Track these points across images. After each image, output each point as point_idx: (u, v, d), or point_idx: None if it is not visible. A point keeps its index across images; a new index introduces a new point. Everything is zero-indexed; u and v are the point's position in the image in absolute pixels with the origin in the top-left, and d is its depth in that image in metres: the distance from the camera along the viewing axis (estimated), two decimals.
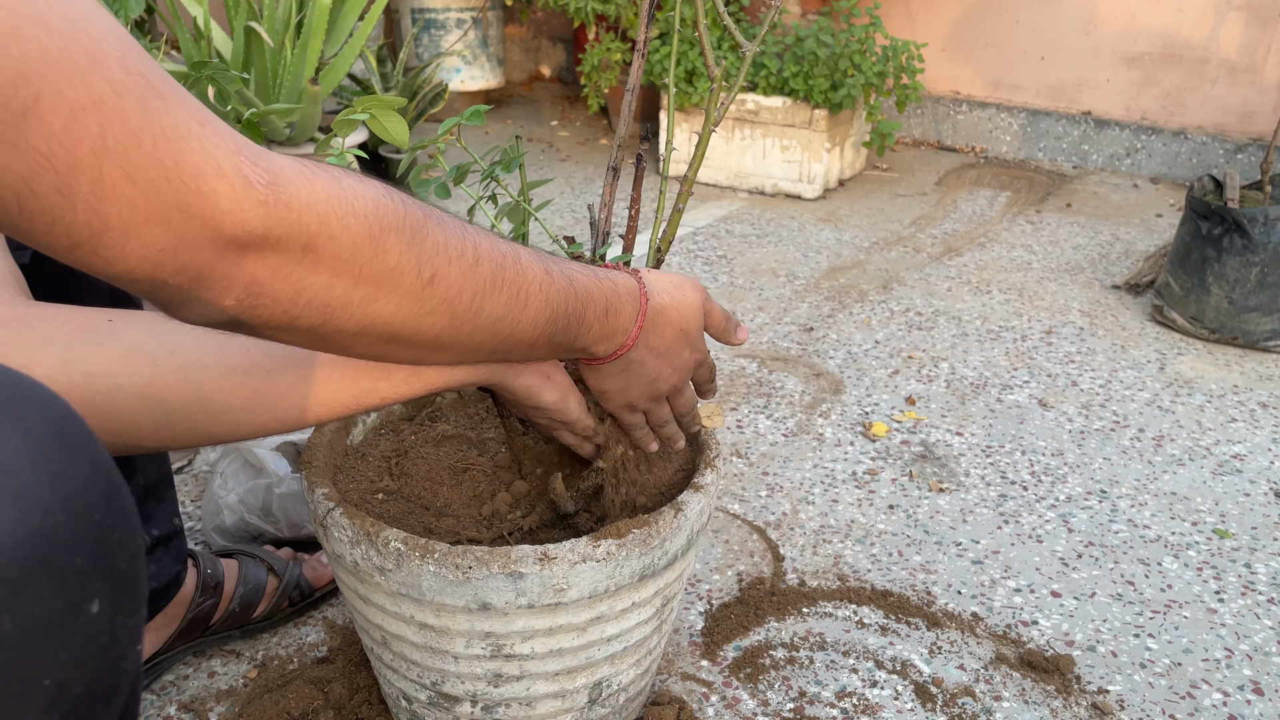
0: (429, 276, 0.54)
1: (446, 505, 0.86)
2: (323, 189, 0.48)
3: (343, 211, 0.49)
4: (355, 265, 0.50)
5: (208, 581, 1.01)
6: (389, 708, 0.95)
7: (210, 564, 1.02)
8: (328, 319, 0.51)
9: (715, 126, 0.81)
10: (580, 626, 0.78)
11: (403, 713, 0.90)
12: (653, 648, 0.88)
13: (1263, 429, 1.60)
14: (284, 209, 0.46)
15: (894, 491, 1.40)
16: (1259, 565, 1.27)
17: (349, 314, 0.52)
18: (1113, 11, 2.95)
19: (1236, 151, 2.86)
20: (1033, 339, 1.91)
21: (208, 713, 0.99)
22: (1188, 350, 1.88)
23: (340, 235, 0.49)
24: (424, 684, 0.83)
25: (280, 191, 0.46)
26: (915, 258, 2.31)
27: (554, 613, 0.76)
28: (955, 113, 3.25)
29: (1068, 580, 1.23)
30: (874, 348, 1.85)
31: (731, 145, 2.75)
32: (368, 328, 0.53)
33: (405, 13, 3.22)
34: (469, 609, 0.75)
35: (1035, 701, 1.04)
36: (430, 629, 0.78)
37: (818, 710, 1.01)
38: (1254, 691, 1.06)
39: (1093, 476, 1.46)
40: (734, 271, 2.18)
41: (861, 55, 2.53)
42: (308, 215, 0.47)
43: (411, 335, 0.56)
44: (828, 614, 1.15)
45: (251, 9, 2.00)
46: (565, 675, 0.81)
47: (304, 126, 2.18)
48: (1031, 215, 2.64)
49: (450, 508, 0.86)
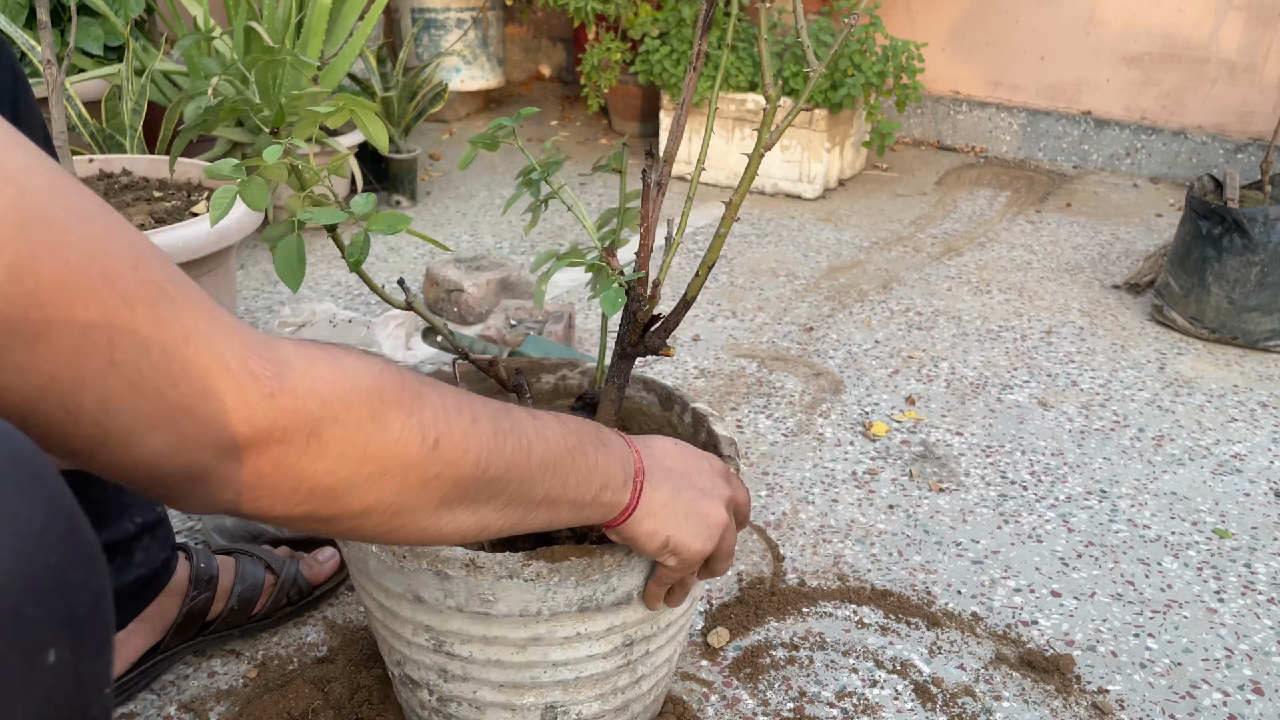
0: (433, 441, 0.53)
1: None
2: (326, 372, 0.48)
3: (346, 392, 0.49)
4: (360, 444, 0.50)
5: (200, 575, 1.01)
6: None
7: (203, 558, 1.02)
8: (332, 502, 0.51)
9: (765, 150, 0.77)
10: (518, 643, 0.77)
11: (395, 680, 0.92)
12: (621, 686, 0.84)
13: (1263, 429, 1.60)
14: (289, 398, 0.46)
15: (894, 491, 1.40)
16: (1259, 565, 1.27)
17: (355, 494, 0.51)
18: (1113, 11, 2.95)
19: (1236, 151, 2.86)
20: (1033, 339, 1.91)
21: (208, 712, 0.99)
22: (1188, 350, 1.88)
23: (344, 417, 0.49)
24: (393, 661, 0.86)
25: (285, 381, 0.46)
26: (915, 257, 2.31)
27: (485, 622, 0.76)
28: (955, 112, 3.25)
29: (1068, 580, 1.23)
30: (874, 347, 1.85)
31: (731, 145, 2.75)
32: (374, 506, 0.53)
33: (405, 12, 3.22)
34: (407, 597, 0.77)
35: (1035, 701, 1.04)
36: (386, 610, 0.81)
37: (818, 710, 1.01)
38: (1254, 691, 1.06)
39: (1093, 476, 1.46)
40: (734, 271, 2.18)
41: (861, 55, 2.53)
42: (312, 401, 0.47)
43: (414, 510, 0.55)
44: (828, 614, 1.15)
45: (251, 9, 2.00)
46: (511, 689, 0.81)
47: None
48: (1031, 215, 2.64)
49: None
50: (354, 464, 0.50)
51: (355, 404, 0.49)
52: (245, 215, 1.38)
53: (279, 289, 2.02)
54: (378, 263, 2.17)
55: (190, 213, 1.41)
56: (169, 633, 1.00)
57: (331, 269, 2.12)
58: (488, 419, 0.57)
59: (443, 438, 0.54)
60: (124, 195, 1.49)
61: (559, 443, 0.61)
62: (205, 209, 1.43)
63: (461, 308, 1.85)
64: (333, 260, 2.17)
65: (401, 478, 0.52)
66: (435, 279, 1.88)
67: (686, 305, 0.80)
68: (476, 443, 0.56)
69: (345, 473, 0.50)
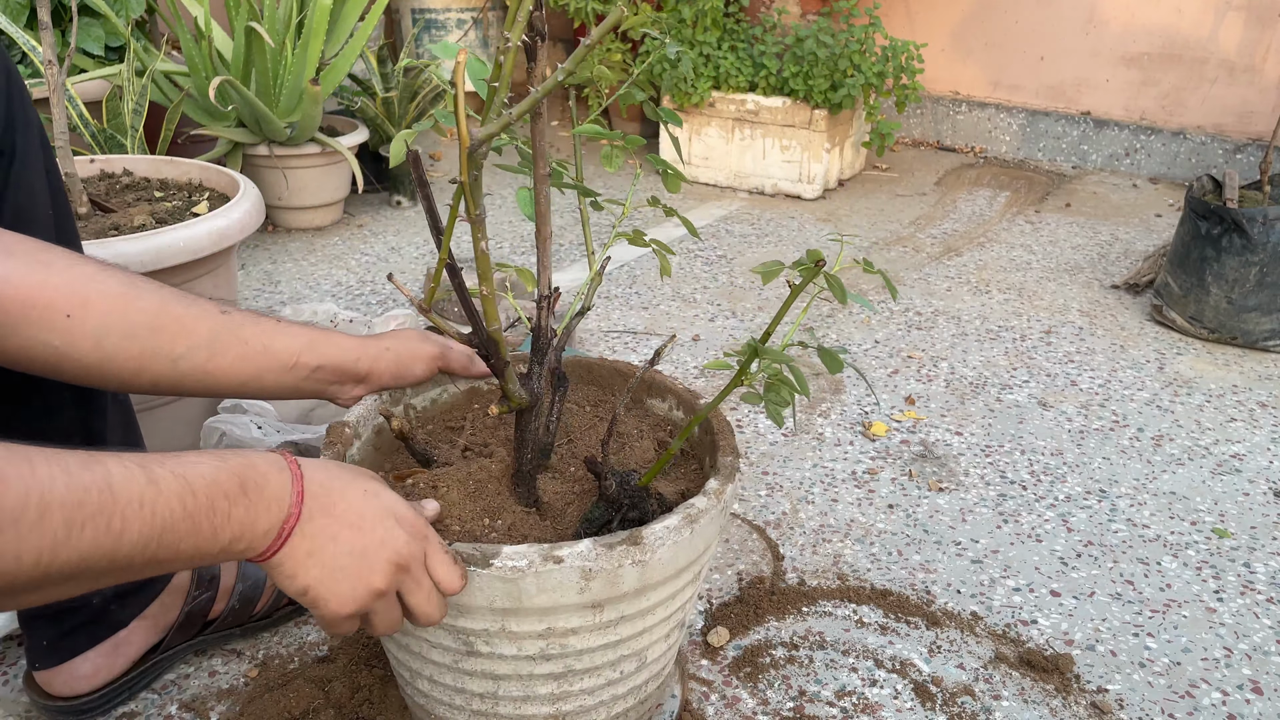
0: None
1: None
2: None
3: None
4: None
5: (203, 574, 1.01)
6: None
7: None
8: None
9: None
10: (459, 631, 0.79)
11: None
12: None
13: (1262, 428, 1.61)
14: None
15: (893, 491, 1.40)
16: (1258, 565, 1.27)
17: None
18: (1112, 11, 2.96)
19: (1236, 151, 2.87)
20: (1032, 339, 1.91)
21: (209, 712, 0.99)
22: (1187, 350, 1.89)
23: None
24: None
25: None
26: (915, 258, 2.32)
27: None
28: (955, 113, 3.25)
29: (1067, 579, 1.23)
30: (874, 347, 1.85)
31: (731, 145, 2.75)
32: None
33: (406, 13, 3.22)
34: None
35: (1034, 700, 1.04)
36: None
37: (817, 709, 1.02)
38: (1253, 691, 1.06)
39: (1092, 476, 1.46)
40: (734, 271, 2.19)
41: (861, 55, 2.53)
42: None
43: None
44: (827, 613, 1.16)
45: (252, 9, 2.01)
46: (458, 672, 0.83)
47: (304, 127, 2.18)
48: (1031, 215, 2.64)
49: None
50: None
51: None
52: (245, 215, 1.38)
53: (279, 289, 2.02)
54: (378, 263, 2.17)
55: (191, 213, 1.41)
56: (170, 631, 1.00)
57: (333, 269, 2.13)
58: (60, 510, 0.53)
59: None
60: (125, 195, 1.49)
61: (174, 508, 0.58)
62: (206, 209, 1.43)
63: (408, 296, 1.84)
64: (333, 260, 2.17)
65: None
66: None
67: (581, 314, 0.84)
68: (36, 545, 0.52)
69: None
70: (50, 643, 0.95)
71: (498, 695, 0.82)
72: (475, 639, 0.78)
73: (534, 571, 0.72)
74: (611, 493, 0.81)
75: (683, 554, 0.79)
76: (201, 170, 1.57)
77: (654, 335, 1.86)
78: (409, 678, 0.86)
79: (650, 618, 0.82)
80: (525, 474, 0.85)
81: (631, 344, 1.82)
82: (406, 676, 0.87)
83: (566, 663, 0.80)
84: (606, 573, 0.74)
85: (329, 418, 1.27)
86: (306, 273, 2.10)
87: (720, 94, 2.70)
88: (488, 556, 0.72)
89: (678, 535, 0.77)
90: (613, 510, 0.82)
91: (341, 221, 2.43)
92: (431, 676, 0.83)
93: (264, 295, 1.98)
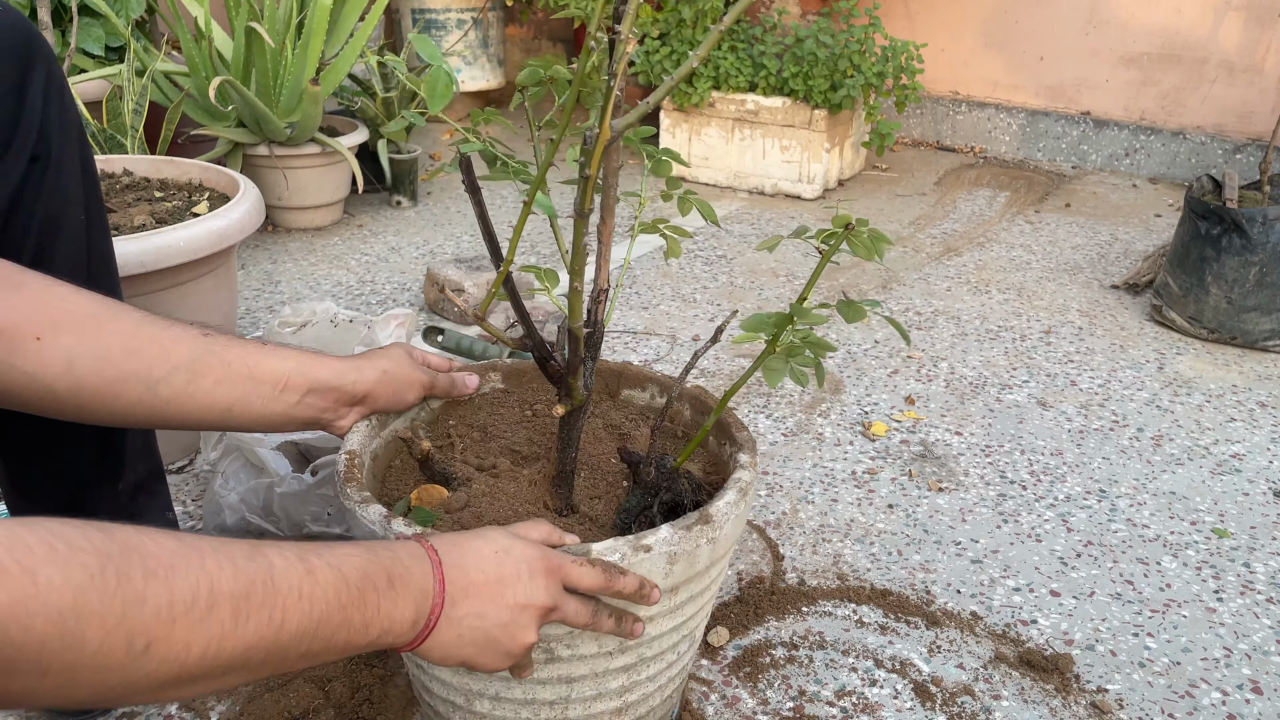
0: (143, 647, 0.50)
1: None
2: (4, 597, 0.45)
3: (27, 614, 0.46)
4: (40, 664, 0.47)
5: None
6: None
7: None
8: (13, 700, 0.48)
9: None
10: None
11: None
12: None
13: (1261, 428, 1.61)
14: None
15: (893, 491, 1.40)
16: (1258, 564, 1.27)
17: (33, 699, 0.49)
18: (1112, 11, 2.96)
19: (1235, 151, 2.87)
20: (1032, 339, 1.91)
21: (209, 711, 0.99)
22: (1186, 350, 1.89)
23: (22, 641, 0.46)
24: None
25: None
26: (914, 258, 2.32)
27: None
28: (954, 113, 3.25)
29: (1067, 579, 1.23)
30: (873, 347, 1.85)
31: (731, 145, 2.75)
32: (67, 699, 0.51)
33: (405, 13, 3.22)
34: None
35: (1034, 700, 1.04)
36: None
37: (817, 709, 1.02)
38: (1253, 690, 1.06)
39: (1092, 476, 1.46)
40: (734, 271, 2.19)
41: (861, 55, 2.53)
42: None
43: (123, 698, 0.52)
44: (827, 613, 1.16)
45: (252, 9, 2.01)
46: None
47: (304, 127, 2.18)
48: (1030, 215, 2.64)
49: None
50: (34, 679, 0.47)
51: (38, 626, 0.46)
52: (245, 215, 1.38)
53: (279, 289, 2.02)
54: (378, 263, 2.17)
55: (191, 213, 1.41)
56: None
57: (333, 269, 2.13)
58: (228, 601, 0.53)
59: (156, 642, 0.50)
60: (125, 195, 1.49)
61: (330, 600, 0.59)
62: (206, 209, 1.43)
63: (462, 308, 1.85)
64: (334, 260, 2.17)
65: (99, 679, 0.50)
66: (436, 279, 1.88)
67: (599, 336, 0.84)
68: (205, 635, 0.52)
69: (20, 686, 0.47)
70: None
71: (569, 699, 0.82)
72: (557, 644, 0.77)
73: (625, 564, 0.74)
74: (651, 478, 0.83)
75: (739, 526, 0.82)
76: (201, 170, 1.57)
77: (653, 335, 1.87)
78: (463, 703, 0.84)
79: (705, 595, 0.85)
80: (568, 474, 0.86)
81: (631, 344, 1.82)
82: (459, 703, 0.84)
83: (639, 652, 0.81)
84: (687, 554, 0.77)
85: None
86: (306, 273, 2.10)
87: (720, 94, 2.70)
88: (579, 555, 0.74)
89: (737, 509, 0.81)
90: (649, 496, 0.84)
91: (341, 221, 2.43)
92: (497, 694, 0.81)
93: (264, 295, 1.98)
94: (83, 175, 0.85)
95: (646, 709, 0.88)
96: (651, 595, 0.74)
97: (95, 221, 0.87)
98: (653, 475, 0.82)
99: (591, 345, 0.82)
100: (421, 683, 0.87)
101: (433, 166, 2.90)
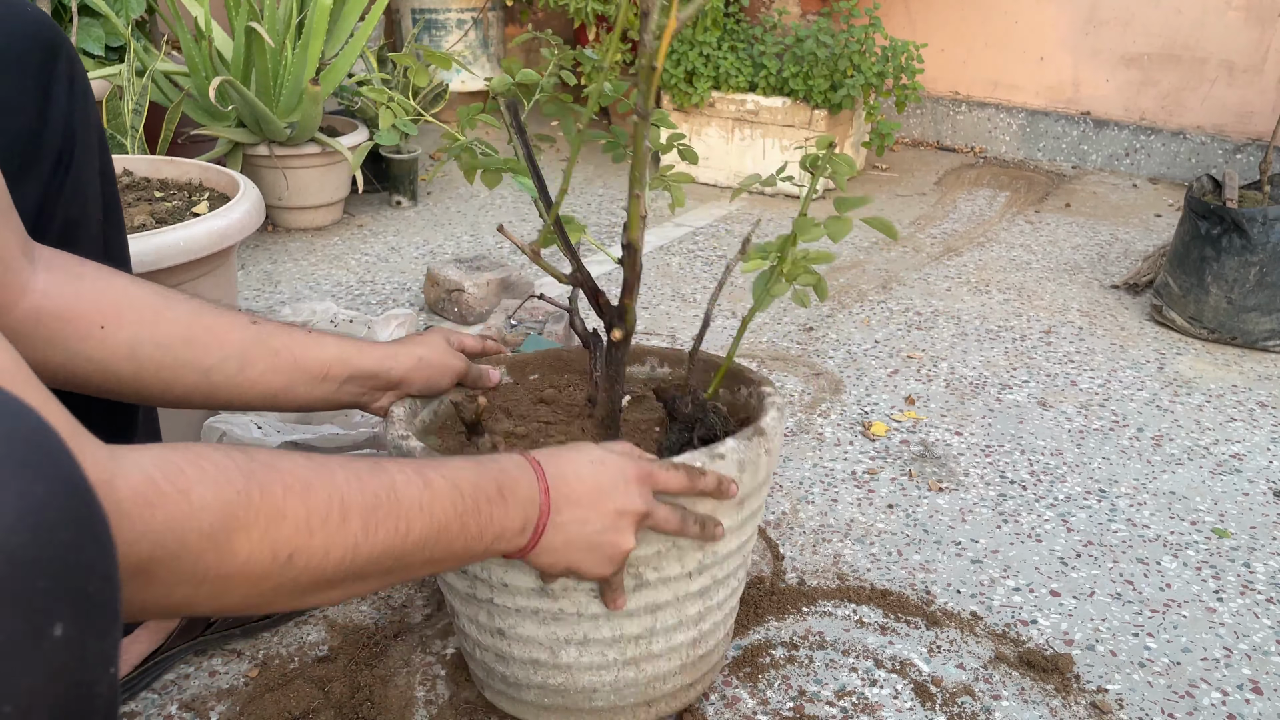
0: (286, 556, 0.54)
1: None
2: (163, 515, 0.48)
3: (183, 530, 0.49)
4: (197, 574, 0.50)
5: None
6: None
7: None
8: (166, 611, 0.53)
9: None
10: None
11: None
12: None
13: (1261, 428, 1.61)
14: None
15: (893, 491, 1.40)
16: (1258, 565, 1.27)
17: (193, 607, 0.53)
18: (1112, 12, 2.96)
19: (1235, 151, 2.87)
20: (1032, 339, 1.91)
21: (209, 712, 0.99)
22: (1186, 350, 1.89)
23: (180, 553, 0.49)
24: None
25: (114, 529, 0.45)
26: (914, 258, 2.32)
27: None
28: (954, 113, 3.25)
29: (1067, 579, 1.23)
30: (873, 347, 1.85)
31: (731, 145, 2.75)
32: (221, 608, 0.54)
33: (406, 13, 3.22)
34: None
35: (1034, 700, 1.04)
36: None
37: (817, 709, 1.02)
38: (1253, 691, 1.06)
39: (1092, 476, 1.46)
40: (733, 271, 2.18)
41: (861, 56, 2.53)
42: (142, 544, 0.47)
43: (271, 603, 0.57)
44: (827, 613, 1.16)
45: (252, 9, 2.01)
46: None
47: (304, 126, 2.18)
48: (1030, 215, 2.64)
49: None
50: (190, 587, 0.50)
51: (193, 540, 0.49)
52: (245, 215, 1.38)
53: (279, 289, 2.02)
54: (378, 263, 2.17)
55: (191, 213, 1.41)
56: (172, 636, 1.00)
57: (333, 269, 2.13)
58: (359, 513, 0.58)
59: (298, 551, 0.54)
60: (125, 196, 1.49)
61: (447, 510, 0.63)
62: (206, 209, 1.43)
63: (462, 307, 1.85)
64: (334, 260, 2.17)
65: (250, 587, 0.53)
66: (436, 279, 1.88)
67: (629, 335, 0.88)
68: (341, 544, 0.57)
69: (181, 594, 0.50)
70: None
71: (654, 631, 0.85)
72: (644, 567, 0.81)
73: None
74: (689, 410, 0.87)
75: (780, 443, 0.88)
76: (201, 170, 1.57)
77: (653, 335, 1.87)
78: (547, 659, 0.86)
79: (757, 517, 0.90)
80: (615, 413, 0.90)
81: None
82: (543, 659, 0.86)
83: (713, 574, 0.86)
84: (752, 463, 0.82)
85: (329, 418, 1.27)
86: (306, 273, 2.10)
87: (720, 94, 2.70)
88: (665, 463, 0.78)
89: (781, 425, 0.89)
90: (686, 431, 0.88)
91: (341, 221, 2.43)
92: (585, 637, 0.84)
93: (264, 295, 1.98)
94: (101, 178, 0.85)
95: (714, 642, 0.93)
96: (730, 489, 0.79)
97: (113, 222, 0.88)
98: (690, 408, 0.87)
99: (629, 287, 0.84)
100: (496, 651, 0.88)
101: (432, 166, 2.90)
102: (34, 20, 0.78)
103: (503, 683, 0.92)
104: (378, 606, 1.14)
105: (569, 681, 0.87)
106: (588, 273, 0.85)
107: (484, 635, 0.89)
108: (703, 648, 0.92)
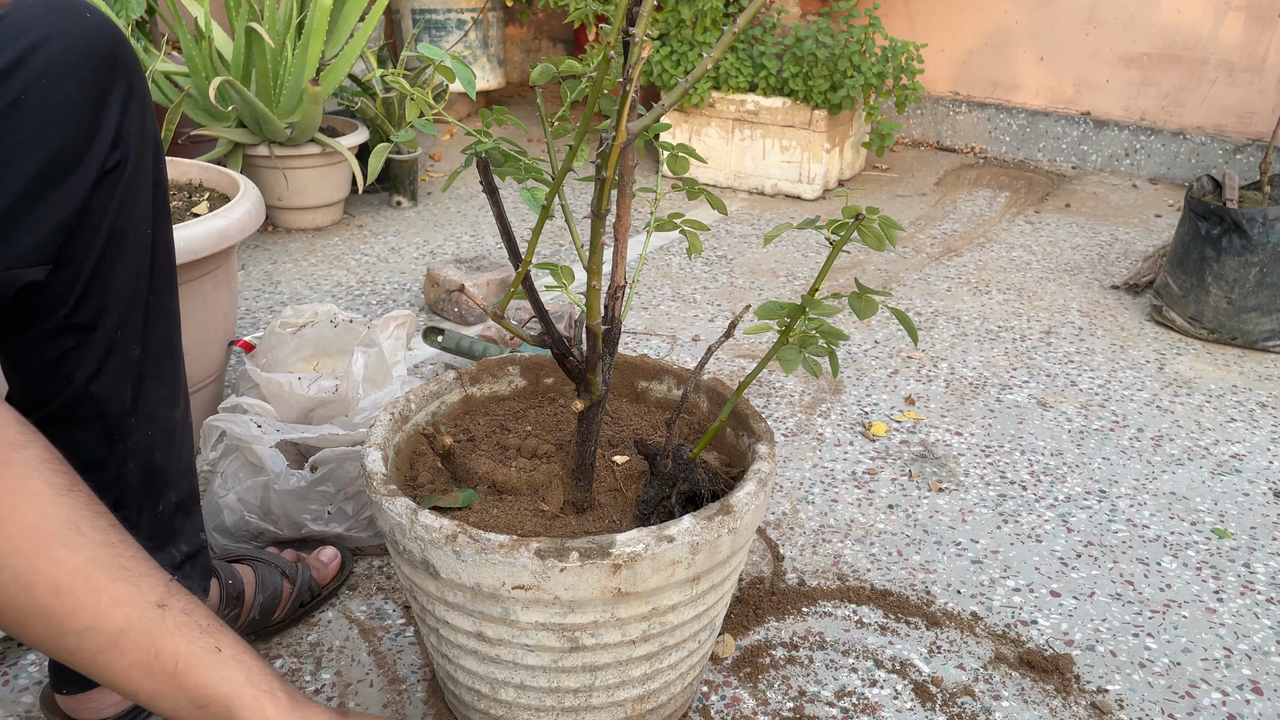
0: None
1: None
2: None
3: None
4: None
5: (230, 593, 1.00)
6: None
7: (230, 574, 1.01)
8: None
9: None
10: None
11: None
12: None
13: (1261, 429, 1.61)
14: None
15: (893, 491, 1.40)
16: (1258, 565, 1.27)
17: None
18: (1112, 12, 2.96)
19: (1235, 152, 2.87)
20: (1032, 339, 1.91)
21: None
22: (1186, 350, 1.89)
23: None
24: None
25: None
26: (915, 258, 2.32)
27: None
28: (954, 113, 3.25)
29: (1067, 580, 1.23)
30: (873, 348, 1.85)
31: (731, 146, 2.75)
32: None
33: (406, 13, 3.22)
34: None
35: (1034, 701, 1.04)
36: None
37: (817, 709, 1.02)
38: (1253, 691, 1.06)
39: (1092, 476, 1.46)
40: (734, 271, 2.19)
41: (861, 56, 2.53)
42: None
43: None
44: (827, 613, 1.16)
45: (253, 9, 2.01)
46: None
47: (304, 127, 2.18)
48: (1031, 215, 2.64)
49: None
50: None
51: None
52: (245, 215, 1.38)
53: (279, 289, 2.02)
54: (378, 263, 2.17)
55: (191, 213, 1.41)
56: None
57: (333, 269, 2.13)
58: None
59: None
60: None
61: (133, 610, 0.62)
62: (206, 209, 1.43)
63: (462, 308, 1.85)
64: (334, 261, 2.17)
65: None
66: (436, 279, 1.88)
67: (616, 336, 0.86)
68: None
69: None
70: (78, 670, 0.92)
71: (593, 687, 0.83)
72: (581, 633, 0.79)
73: (650, 555, 0.75)
74: (669, 470, 0.84)
75: (759, 516, 0.83)
76: (201, 170, 1.57)
77: (654, 335, 1.87)
78: (488, 691, 0.85)
79: (727, 584, 0.86)
80: (587, 467, 0.87)
81: (631, 344, 1.82)
82: (484, 691, 0.85)
83: (662, 640, 0.83)
84: (709, 544, 0.78)
85: (329, 417, 1.27)
86: (306, 273, 2.10)
87: (720, 94, 2.70)
88: (604, 547, 0.74)
89: (757, 499, 0.82)
90: (666, 486, 0.86)
91: (341, 222, 2.43)
92: (522, 683, 0.82)
93: (264, 295, 1.98)
94: (154, 190, 0.82)
95: (668, 696, 0.90)
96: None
97: (161, 238, 0.85)
98: (670, 466, 0.84)
99: (609, 341, 0.82)
100: (446, 671, 0.88)
101: (433, 166, 2.90)
102: (94, 29, 0.75)
103: (455, 699, 0.92)
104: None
105: (509, 715, 0.87)
106: (558, 334, 0.81)
107: (436, 655, 0.89)
108: (652, 703, 0.88)
